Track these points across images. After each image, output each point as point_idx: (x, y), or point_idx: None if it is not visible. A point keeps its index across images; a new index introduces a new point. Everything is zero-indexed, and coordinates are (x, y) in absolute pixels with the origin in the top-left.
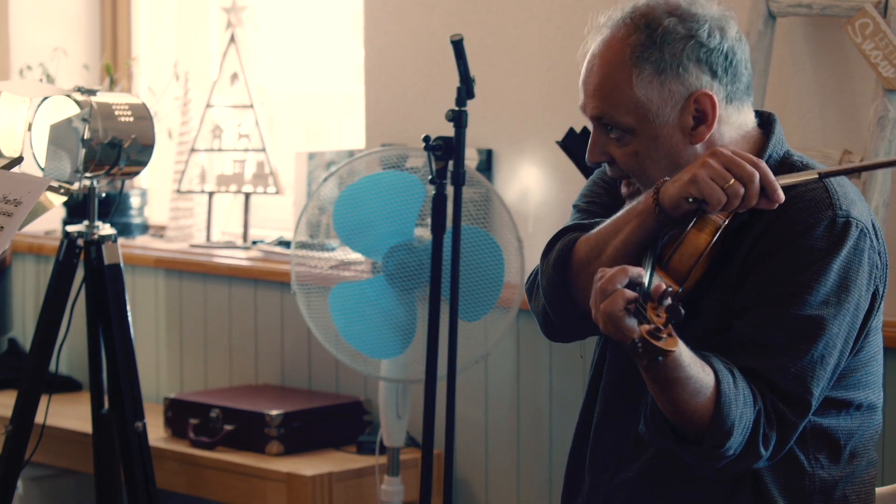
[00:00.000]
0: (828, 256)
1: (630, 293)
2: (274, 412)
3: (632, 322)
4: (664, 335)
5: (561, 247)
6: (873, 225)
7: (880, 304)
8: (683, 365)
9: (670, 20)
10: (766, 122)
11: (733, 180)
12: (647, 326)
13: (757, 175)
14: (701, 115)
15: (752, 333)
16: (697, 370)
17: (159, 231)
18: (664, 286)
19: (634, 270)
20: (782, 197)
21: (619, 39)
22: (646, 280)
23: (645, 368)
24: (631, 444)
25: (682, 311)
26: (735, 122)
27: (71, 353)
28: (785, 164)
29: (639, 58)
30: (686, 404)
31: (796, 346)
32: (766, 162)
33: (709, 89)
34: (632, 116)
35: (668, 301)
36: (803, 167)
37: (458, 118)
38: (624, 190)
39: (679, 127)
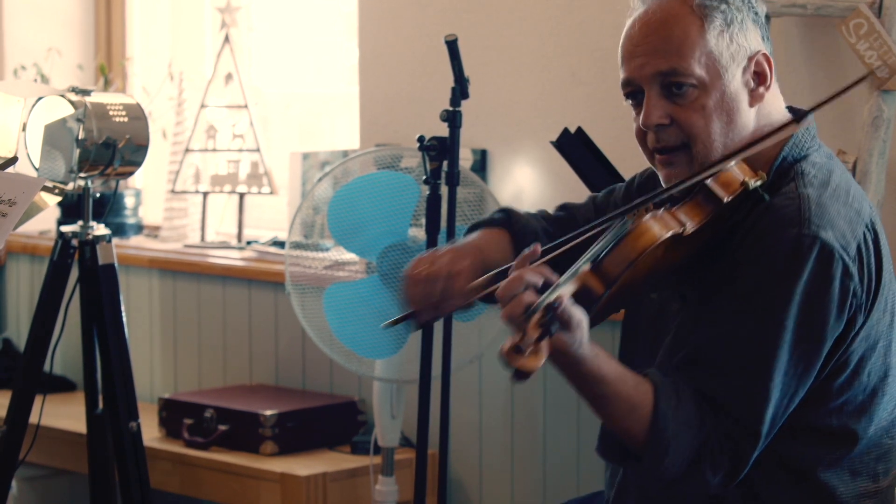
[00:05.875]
0: (788, 280)
1: (530, 298)
2: (268, 412)
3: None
4: (527, 352)
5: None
6: (860, 247)
7: (859, 330)
8: (606, 381)
9: None
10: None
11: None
12: (511, 341)
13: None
14: (760, 76)
15: (705, 351)
16: (628, 389)
17: (153, 231)
18: (564, 296)
19: (546, 270)
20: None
21: None
22: (562, 281)
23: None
24: None
25: (559, 326)
26: (777, 96)
27: (65, 353)
28: (785, 174)
29: (707, 7)
30: (620, 422)
31: (751, 373)
32: (781, 161)
33: (765, 50)
34: (704, 69)
35: (563, 309)
36: (802, 187)
37: (453, 118)
38: (663, 172)
39: (743, 85)
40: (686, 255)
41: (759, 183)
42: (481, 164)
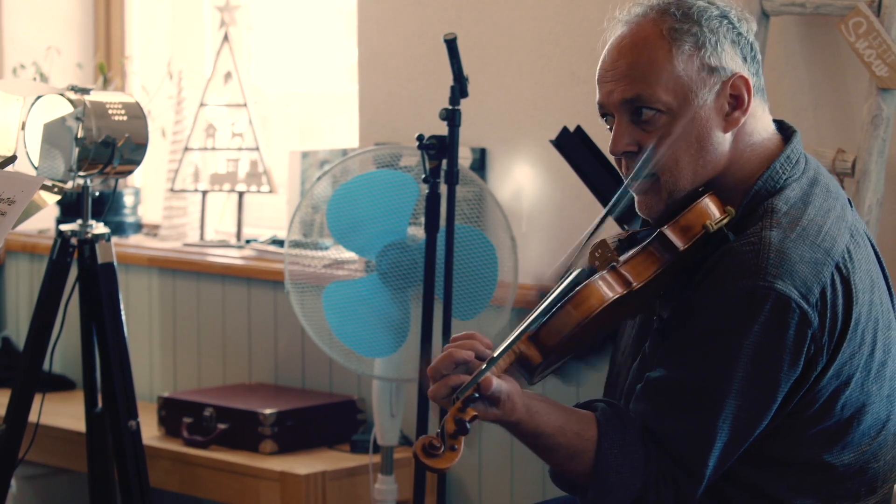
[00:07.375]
0: (739, 330)
1: (456, 380)
2: (267, 411)
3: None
4: (440, 451)
5: None
6: (825, 290)
7: (824, 369)
8: (545, 435)
9: (701, 2)
10: (786, 136)
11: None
12: (424, 440)
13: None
14: (736, 99)
15: (656, 390)
16: (568, 439)
17: (153, 230)
18: (491, 379)
19: (482, 345)
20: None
21: (651, 20)
22: (497, 355)
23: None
24: None
25: (470, 428)
26: (761, 118)
27: (64, 351)
28: (754, 210)
29: (677, 31)
30: (562, 466)
31: (696, 418)
32: (753, 195)
33: (744, 73)
34: (671, 95)
35: (480, 400)
36: (767, 228)
37: (452, 117)
38: (637, 199)
39: (716, 110)
40: (641, 303)
41: (724, 221)
42: (480, 162)
